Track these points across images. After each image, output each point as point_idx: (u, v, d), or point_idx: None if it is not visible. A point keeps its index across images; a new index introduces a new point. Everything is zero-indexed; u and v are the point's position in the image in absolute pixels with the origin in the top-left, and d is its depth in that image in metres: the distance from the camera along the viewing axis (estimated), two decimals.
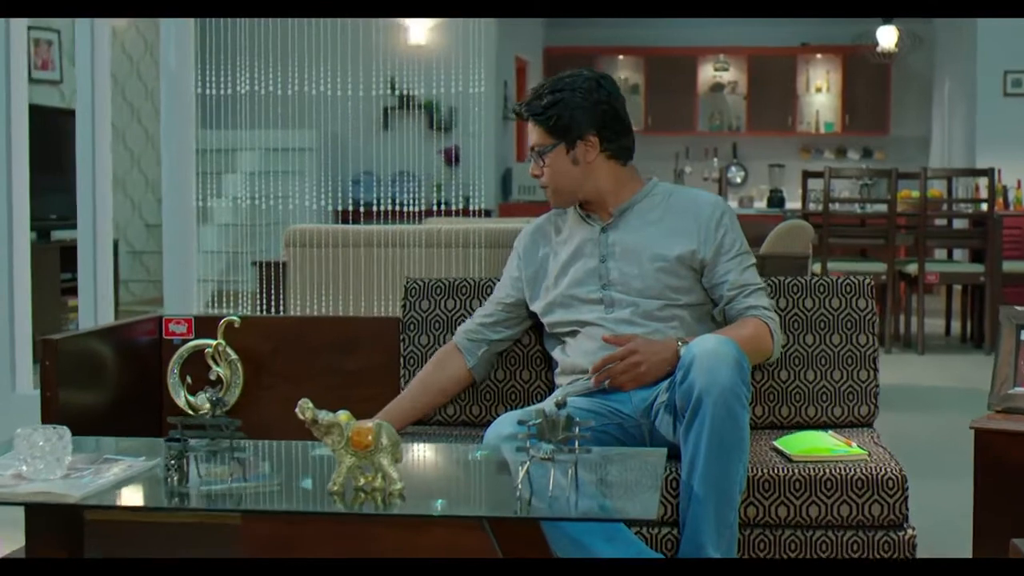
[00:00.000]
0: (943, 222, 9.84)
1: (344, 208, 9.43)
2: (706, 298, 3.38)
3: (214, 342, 3.69)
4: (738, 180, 15.55)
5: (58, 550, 2.69)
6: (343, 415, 2.33)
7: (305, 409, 2.35)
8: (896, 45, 13.09)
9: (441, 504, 2.25)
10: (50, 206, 7.78)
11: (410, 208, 8.15)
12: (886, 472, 3.07)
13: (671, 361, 3.18)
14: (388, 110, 11.52)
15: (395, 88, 11.05)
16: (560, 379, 3.41)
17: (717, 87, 15.65)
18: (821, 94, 15.49)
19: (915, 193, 9.43)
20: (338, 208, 9.51)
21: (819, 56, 15.41)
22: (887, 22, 13.00)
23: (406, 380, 3.64)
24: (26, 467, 2.38)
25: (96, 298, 5.10)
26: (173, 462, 2.33)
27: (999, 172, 9.78)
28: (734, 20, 14.29)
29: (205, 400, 3.70)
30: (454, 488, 2.59)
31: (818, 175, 9.27)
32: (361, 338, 3.79)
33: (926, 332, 9.00)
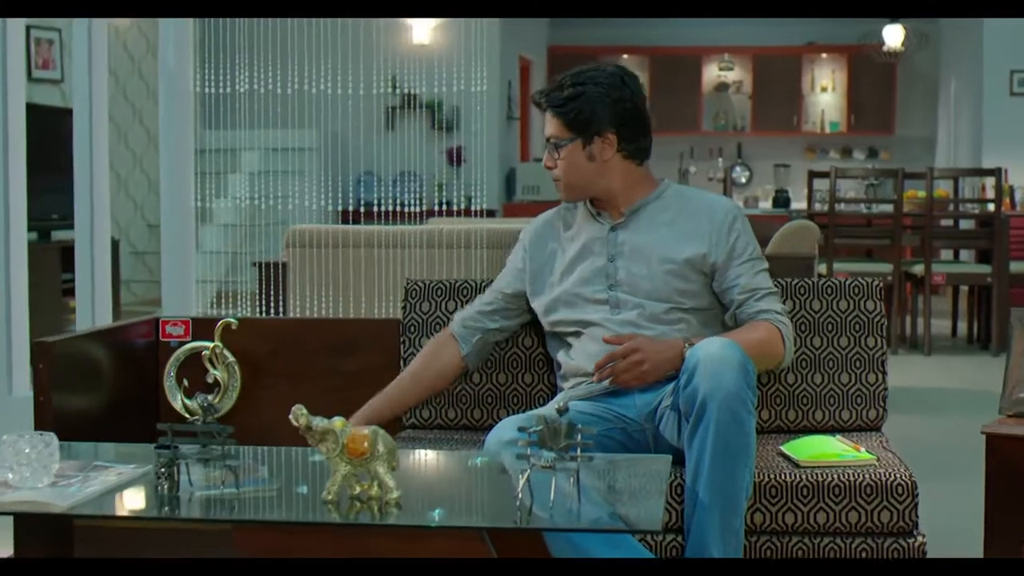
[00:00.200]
0: (949, 222, 9.77)
1: (346, 208, 9.38)
2: (714, 303, 3.32)
3: (211, 344, 3.63)
4: (743, 180, 15.49)
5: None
6: (338, 421, 2.26)
7: (299, 415, 2.28)
8: (902, 44, 13.02)
9: (439, 514, 2.18)
10: (51, 206, 7.74)
11: (412, 208, 8.10)
12: (895, 478, 3.01)
13: (675, 361, 3.12)
14: (391, 110, 11.48)
15: (398, 88, 11.00)
16: (563, 382, 3.34)
17: (722, 87, 15.59)
18: (826, 94, 15.43)
19: (921, 193, 9.37)
20: (340, 208, 9.47)
21: (824, 55, 15.35)
22: (893, 21, 12.93)
23: None
24: (12, 475, 2.32)
25: (94, 299, 5.04)
26: (163, 470, 2.27)
27: (1006, 172, 9.71)
28: (739, 19, 14.23)
29: (213, 400, 3.64)
30: (452, 497, 2.52)
31: (824, 175, 9.21)
32: (360, 340, 3.73)
33: (932, 333, 8.93)
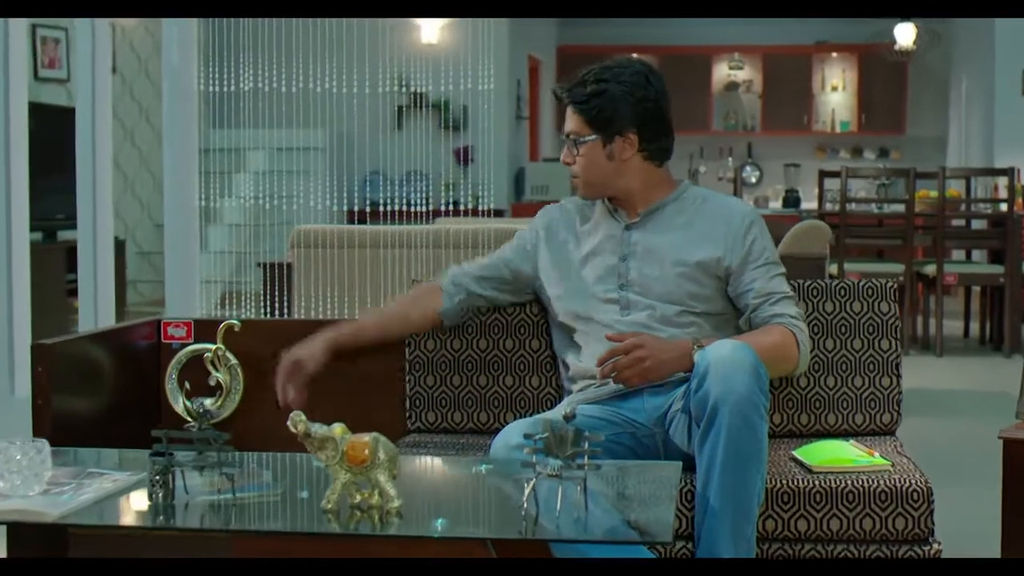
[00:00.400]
0: (961, 222, 9.70)
1: (353, 208, 9.32)
2: (727, 308, 3.25)
3: (213, 346, 3.57)
4: (753, 180, 15.42)
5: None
6: (338, 428, 2.19)
7: (297, 422, 2.21)
8: (914, 43, 12.95)
9: (441, 524, 2.12)
10: (56, 206, 7.69)
11: (420, 208, 8.06)
12: (911, 484, 2.95)
13: (682, 361, 3.05)
14: (399, 109, 11.43)
15: (406, 87, 10.95)
16: (571, 384, 3.28)
17: (732, 86, 15.52)
18: (837, 93, 15.36)
19: (933, 193, 9.29)
20: (347, 208, 9.43)
21: (835, 55, 15.28)
22: (905, 20, 12.86)
23: (412, 385, 3.53)
24: (2, 483, 2.25)
25: (97, 300, 4.98)
26: (158, 477, 2.21)
27: (1018, 172, 9.64)
28: (749, 18, 14.16)
29: (210, 405, 3.59)
30: (456, 506, 2.45)
31: (835, 175, 9.14)
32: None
33: (944, 334, 8.85)
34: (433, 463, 2.84)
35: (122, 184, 10.52)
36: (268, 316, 5.33)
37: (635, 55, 14.50)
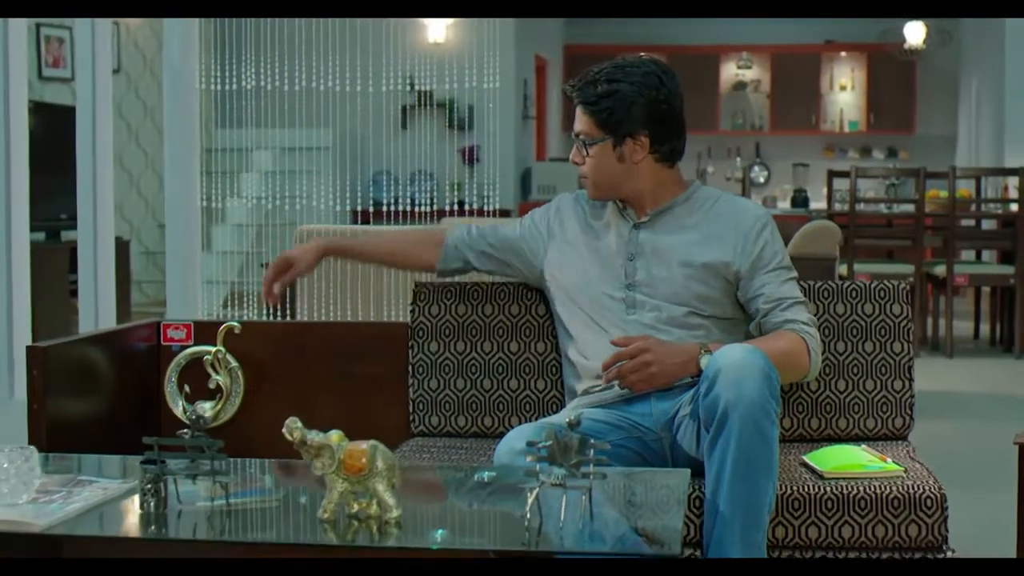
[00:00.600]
0: (970, 222, 9.62)
1: (359, 208, 9.27)
2: (737, 312, 3.18)
3: (213, 349, 3.52)
4: (761, 180, 15.36)
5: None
6: (335, 435, 2.13)
7: (293, 429, 2.14)
8: (924, 42, 12.86)
9: (441, 535, 2.05)
10: (60, 206, 7.63)
11: (427, 208, 8.00)
12: (924, 490, 2.88)
13: (688, 366, 2.99)
14: (405, 109, 11.37)
15: (413, 86, 10.89)
16: (576, 382, 3.20)
17: (740, 85, 15.47)
18: (845, 92, 15.30)
19: (943, 193, 9.21)
20: (354, 208, 9.37)
21: (843, 54, 15.21)
22: (914, 19, 12.79)
23: (415, 389, 3.46)
24: None
25: (97, 301, 4.92)
26: (149, 486, 2.14)
27: None
28: (757, 18, 14.09)
29: (205, 410, 3.53)
30: (457, 516, 2.38)
31: (844, 175, 9.07)
32: (368, 345, 3.60)
33: (954, 335, 8.77)
34: (433, 471, 2.77)
35: (127, 184, 10.47)
36: (271, 317, 5.28)
37: (642, 54, 14.47)
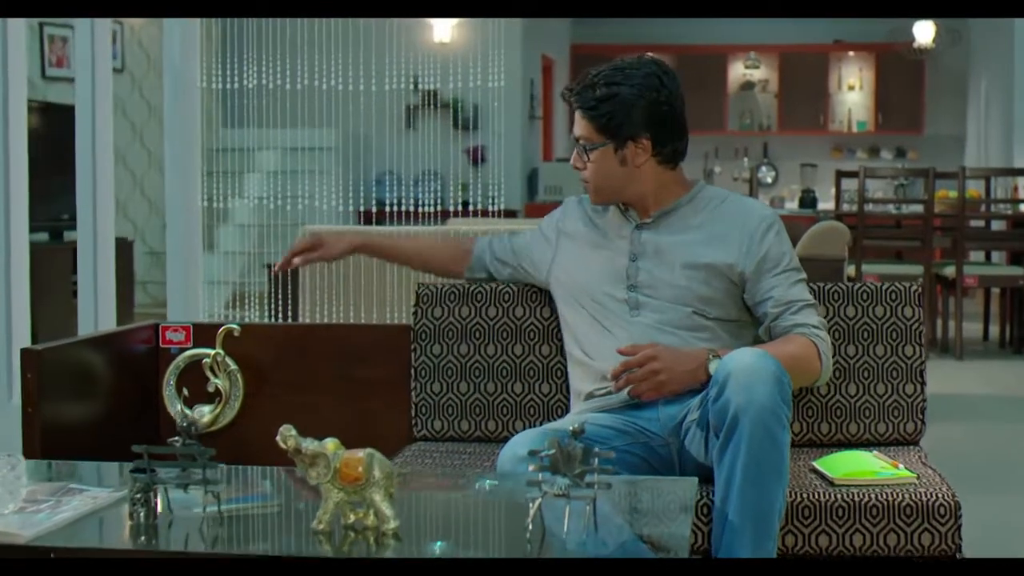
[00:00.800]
0: (980, 223, 9.54)
1: (366, 208, 9.21)
2: (743, 314, 3.11)
3: (212, 352, 3.46)
4: (769, 180, 15.28)
5: None
6: (330, 443, 2.06)
7: (287, 437, 2.08)
8: (933, 41, 12.79)
9: (440, 547, 1.98)
10: (63, 206, 7.58)
11: (432, 208, 7.94)
12: (937, 498, 2.81)
13: (697, 373, 2.92)
14: (412, 108, 11.32)
15: (419, 86, 10.84)
16: (581, 385, 3.14)
17: (747, 85, 15.39)
18: (854, 92, 15.22)
19: (952, 193, 9.13)
20: (358, 208, 9.32)
21: (851, 53, 15.14)
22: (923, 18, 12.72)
23: (417, 392, 3.40)
24: None
25: (97, 302, 4.86)
26: (139, 496, 2.08)
27: None
28: (764, 17, 14.03)
29: (204, 414, 3.47)
30: (457, 526, 2.30)
31: (852, 175, 8.99)
32: (369, 348, 3.54)
33: (963, 337, 8.69)
34: (433, 479, 2.70)
35: (131, 184, 10.42)
36: (273, 318, 5.22)
37: (649, 54, 14.43)
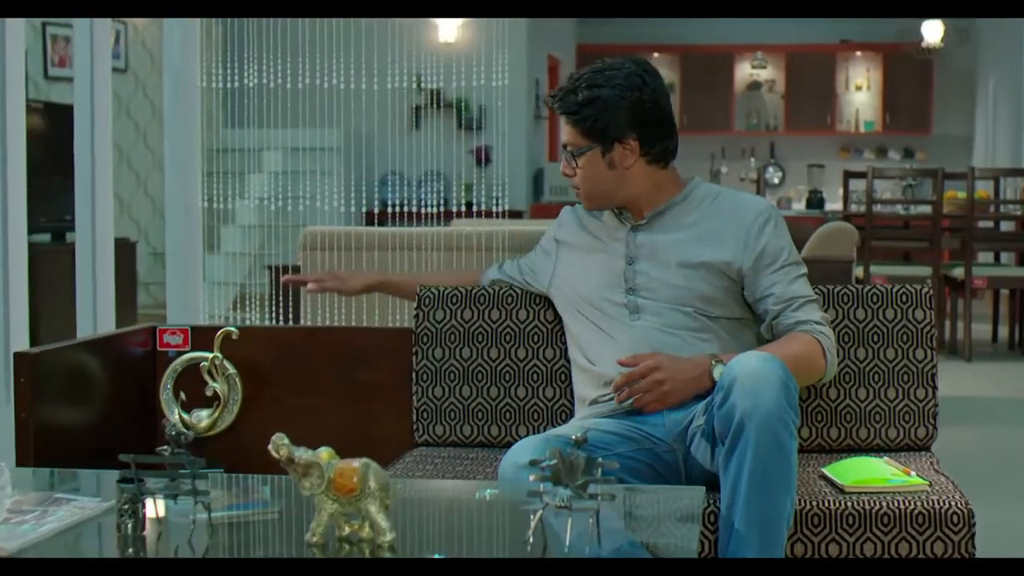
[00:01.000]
0: (989, 224, 9.47)
1: (370, 209, 9.16)
2: (744, 312, 3.05)
3: (210, 355, 3.40)
4: (776, 180, 15.22)
5: None
6: (324, 453, 1.99)
7: (279, 446, 2.01)
8: (941, 41, 12.71)
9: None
10: (65, 207, 7.53)
11: (438, 209, 7.88)
12: (950, 506, 2.75)
13: (701, 380, 2.87)
14: (417, 109, 11.27)
15: (423, 86, 10.78)
16: (585, 391, 3.07)
17: (754, 85, 15.33)
18: (861, 92, 15.16)
19: (961, 194, 9.07)
20: (364, 209, 9.26)
21: (859, 53, 15.07)
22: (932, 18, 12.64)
23: (419, 396, 3.34)
24: None
25: (96, 304, 4.80)
26: (126, 507, 2.02)
27: None
28: (771, 17, 13.97)
29: (202, 419, 3.42)
30: (455, 539, 2.24)
31: (860, 175, 8.92)
32: (370, 351, 3.49)
33: (972, 338, 8.62)
34: (432, 488, 2.63)
35: (135, 184, 10.36)
36: (275, 320, 5.16)
37: (655, 54, 14.30)
